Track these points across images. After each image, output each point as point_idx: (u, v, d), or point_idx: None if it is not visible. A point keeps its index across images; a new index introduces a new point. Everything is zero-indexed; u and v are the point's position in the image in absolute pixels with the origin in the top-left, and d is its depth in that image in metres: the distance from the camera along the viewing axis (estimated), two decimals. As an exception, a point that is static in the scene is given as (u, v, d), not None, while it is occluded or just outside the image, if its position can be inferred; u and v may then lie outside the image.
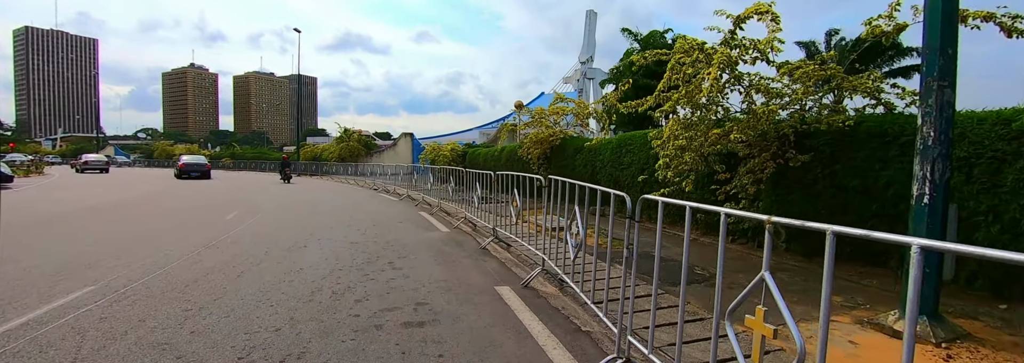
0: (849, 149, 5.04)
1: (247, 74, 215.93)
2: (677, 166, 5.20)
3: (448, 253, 6.04)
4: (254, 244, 6.31)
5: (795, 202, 5.65)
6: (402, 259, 5.56)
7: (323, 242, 6.55)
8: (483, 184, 7.79)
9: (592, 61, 57.61)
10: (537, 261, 5.46)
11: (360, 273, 4.84)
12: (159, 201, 12.71)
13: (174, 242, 6.32)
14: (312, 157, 37.98)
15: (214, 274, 4.68)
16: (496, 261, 5.70)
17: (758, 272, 1.82)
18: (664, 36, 22.18)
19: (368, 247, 6.26)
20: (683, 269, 2.35)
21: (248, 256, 5.54)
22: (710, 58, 4.88)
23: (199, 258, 5.39)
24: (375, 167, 21.66)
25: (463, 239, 7.18)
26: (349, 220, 8.94)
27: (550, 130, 12.21)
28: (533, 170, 12.42)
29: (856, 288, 4.51)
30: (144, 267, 4.93)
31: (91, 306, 3.69)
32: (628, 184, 9.02)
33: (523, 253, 6.03)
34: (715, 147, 4.99)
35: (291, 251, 5.88)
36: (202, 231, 7.29)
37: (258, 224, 8.18)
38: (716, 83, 4.88)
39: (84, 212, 9.81)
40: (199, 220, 8.70)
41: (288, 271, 4.86)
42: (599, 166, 10.18)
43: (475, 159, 18.71)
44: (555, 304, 4.03)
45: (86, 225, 8.03)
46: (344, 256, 5.64)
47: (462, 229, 8.17)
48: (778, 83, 5.20)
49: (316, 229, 7.73)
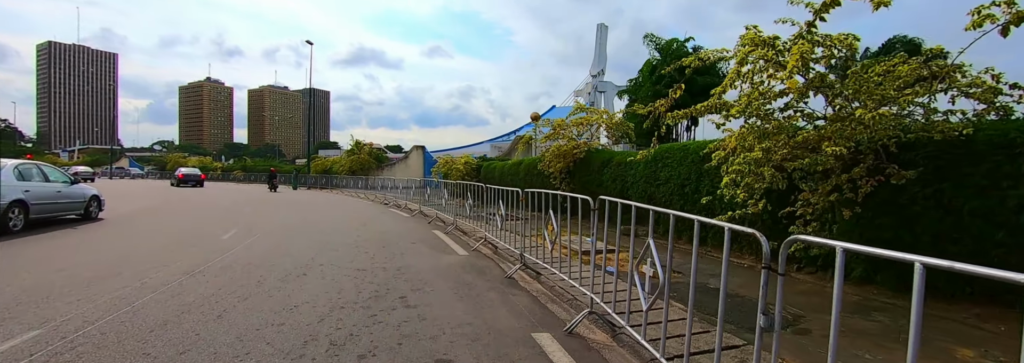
0: (963, 163, 4.12)
1: (261, 88, 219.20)
2: (751, 184, 4.30)
3: (469, 284, 5.17)
4: (246, 271, 5.49)
5: (885, 226, 4.71)
6: (417, 293, 4.70)
7: (326, 268, 5.72)
8: (508, 202, 6.94)
9: (603, 74, 57.18)
10: (575, 294, 4.58)
11: (366, 313, 3.98)
12: (153, 216, 12.02)
13: (155, 268, 5.53)
14: (322, 170, 37.47)
15: (190, 314, 3.85)
16: (527, 295, 4.82)
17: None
18: (685, 45, 21.41)
19: (377, 275, 5.41)
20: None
21: (237, 287, 4.72)
22: (775, 54, 4.05)
23: (179, 290, 4.58)
24: (386, 180, 20.96)
25: (484, 265, 6.31)
26: (356, 240, 8.12)
27: (573, 143, 11.39)
28: (555, 185, 11.57)
29: (985, 336, 3.57)
30: (110, 302, 4.12)
31: (24, 362, 2.87)
32: (664, 202, 8.12)
33: (556, 284, 5.14)
34: (801, 161, 4.07)
35: (287, 281, 5.05)
36: (191, 253, 6.51)
37: (256, 245, 7.39)
38: (797, 83, 4.03)
39: (65, 230, 9.12)
40: (192, 239, 7.94)
41: (280, 309, 4.02)
42: (631, 181, 9.29)
43: (491, 173, 17.91)
44: (612, 361, 3.14)
45: (63, 244, 7.30)
46: (348, 288, 4.80)
47: (482, 252, 7.31)
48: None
49: (319, 251, 6.91)
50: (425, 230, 9.77)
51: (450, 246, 7.75)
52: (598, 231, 3.94)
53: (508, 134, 75.86)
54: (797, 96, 4.02)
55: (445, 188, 11.30)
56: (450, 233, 9.21)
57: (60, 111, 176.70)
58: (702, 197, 7.19)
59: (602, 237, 4.01)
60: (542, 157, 12.15)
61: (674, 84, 19.28)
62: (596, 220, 3.80)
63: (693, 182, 7.53)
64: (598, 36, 57.48)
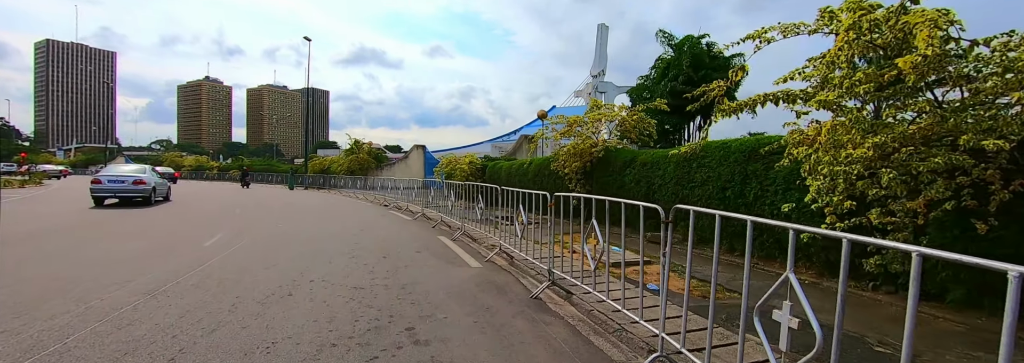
0: None
1: (260, 87, 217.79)
2: (861, 188, 3.38)
3: (490, 308, 4.26)
4: (222, 289, 4.58)
5: (1008, 240, 3.81)
6: (426, 321, 3.79)
7: (316, 286, 4.81)
8: (530, 207, 6.02)
9: (603, 75, 56.42)
10: (621, 321, 3.69)
11: (364, 354, 3.07)
12: (137, 218, 11.08)
13: (112, 285, 4.62)
14: (320, 170, 36.49)
15: (133, 357, 2.94)
16: (562, 323, 3.93)
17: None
18: (699, 42, 20.49)
19: (377, 296, 4.50)
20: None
21: (205, 314, 3.81)
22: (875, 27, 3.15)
23: (131, 318, 3.67)
24: (386, 181, 20.04)
25: (503, 280, 5.41)
26: (353, 248, 7.20)
27: (590, 141, 10.48)
28: (570, 187, 10.66)
29: None
30: (36, 337, 3.22)
31: None
32: (700, 206, 7.21)
33: (594, 307, 4.25)
34: (933, 160, 3.14)
35: (268, 303, 4.14)
36: (161, 265, 5.59)
37: (239, 253, 6.48)
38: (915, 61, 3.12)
39: (36, 235, 8.20)
40: (170, 246, 7.02)
41: (252, 348, 3.11)
42: (658, 183, 8.39)
43: (496, 173, 16.98)
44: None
45: (19, 253, 6.37)
46: (342, 315, 3.89)
47: (496, 263, 6.40)
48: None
49: (311, 262, 6.00)
50: (430, 236, 8.86)
51: (460, 256, 6.84)
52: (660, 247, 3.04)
53: (509, 134, 74.97)
54: (915, 78, 3.12)
55: (451, 190, 10.38)
56: (458, 240, 8.30)
57: (58, 109, 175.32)
58: (755, 200, 6.31)
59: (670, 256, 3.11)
60: (555, 156, 11.24)
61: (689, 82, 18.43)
62: (669, 234, 2.89)
63: (736, 185, 6.63)
64: (599, 36, 56.71)
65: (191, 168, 55.10)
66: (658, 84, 20.72)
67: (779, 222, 2.20)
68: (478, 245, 7.84)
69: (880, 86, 3.31)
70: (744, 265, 2.27)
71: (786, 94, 4.57)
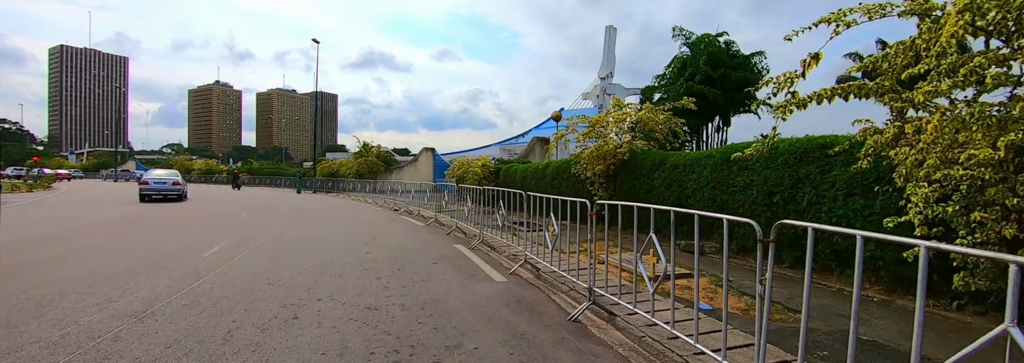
0: None
1: (270, 91, 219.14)
2: (992, 196, 2.76)
3: (524, 334, 3.68)
4: (217, 310, 4.04)
5: None
6: (454, 353, 3.21)
7: (325, 306, 4.25)
8: (564, 215, 5.43)
9: (612, 76, 55.86)
10: (679, 349, 3.09)
11: (383, 402, 2.50)
12: (135, 223, 10.62)
13: (95, 305, 4.09)
14: (329, 173, 36.11)
15: (100, 405, 2.39)
16: (611, 353, 3.35)
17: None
18: (717, 39, 19.82)
19: (394, 319, 3.93)
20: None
21: (194, 344, 3.26)
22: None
23: (109, 349, 3.13)
24: (395, 184, 19.53)
25: (533, 298, 4.82)
26: (365, 259, 6.65)
27: (614, 142, 9.87)
28: (592, 191, 10.06)
29: None
30: (-10, 377, 2.68)
31: None
32: (742, 214, 6.59)
33: (646, 333, 3.65)
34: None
35: (268, 330, 3.59)
36: (152, 281, 5.07)
37: (240, 267, 5.95)
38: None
39: (35, 241, 7.74)
40: (164, 258, 6.50)
41: (248, 393, 2.55)
42: (692, 188, 7.77)
43: (511, 176, 16.41)
44: None
45: (7, 262, 5.88)
46: (355, 344, 3.32)
47: (522, 276, 5.82)
48: None
49: (319, 277, 5.45)
50: (445, 244, 8.29)
51: (481, 268, 6.26)
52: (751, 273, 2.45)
53: (517, 136, 74.39)
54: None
55: (467, 195, 9.82)
56: (476, 248, 7.73)
57: (71, 114, 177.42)
58: (809, 206, 5.68)
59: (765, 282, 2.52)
60: (577, 158, 10.64)
61: (707, 80, 17.66)
62: (772, 257, 2.30)
63: (786, 189, 6.01)
64: (607, 38, 56.18)
65: (201, 172, 54.95)
66: (674, 83, 20.08)
67: (954, 246, 1.61)
68: (499, 255, 7.26)
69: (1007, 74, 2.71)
70: (840, 288, 1.67)
71: (859, 87, 3.98)
